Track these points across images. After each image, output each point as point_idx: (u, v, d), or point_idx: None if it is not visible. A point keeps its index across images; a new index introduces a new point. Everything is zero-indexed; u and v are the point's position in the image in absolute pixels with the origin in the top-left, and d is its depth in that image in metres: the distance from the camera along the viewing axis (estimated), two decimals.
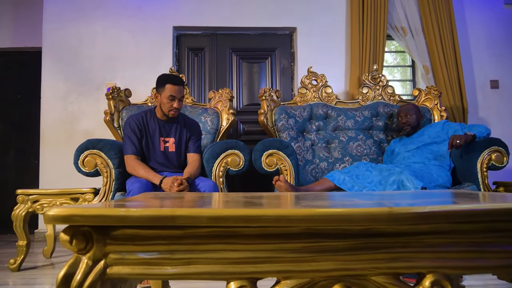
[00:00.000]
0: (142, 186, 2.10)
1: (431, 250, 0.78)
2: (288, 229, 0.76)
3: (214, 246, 0.76)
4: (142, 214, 0.73)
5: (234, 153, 2.46)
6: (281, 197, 1.19)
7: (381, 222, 0.73)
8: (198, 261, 0.76)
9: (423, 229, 0.78)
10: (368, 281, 0.77)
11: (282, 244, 0.76)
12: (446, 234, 0.78)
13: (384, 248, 0.77)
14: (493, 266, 0.79)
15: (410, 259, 0.78)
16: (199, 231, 0.76)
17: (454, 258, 0.78)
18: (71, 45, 3.48)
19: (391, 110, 3.12)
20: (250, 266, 0.76)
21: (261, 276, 0.76)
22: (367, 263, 0.77)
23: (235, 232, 0.76)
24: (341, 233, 0.77)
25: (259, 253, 0.76)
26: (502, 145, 2.50)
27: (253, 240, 0.76)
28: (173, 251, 0.76)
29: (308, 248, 0.76)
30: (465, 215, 0.76)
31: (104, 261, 0.76)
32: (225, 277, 0.75)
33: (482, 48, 3.65)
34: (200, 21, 3.60)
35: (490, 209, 0.76)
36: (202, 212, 0.73)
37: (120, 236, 0.76)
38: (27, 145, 3.82)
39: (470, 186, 2.48)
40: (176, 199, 1.16)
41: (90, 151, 2.32)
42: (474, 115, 3.58)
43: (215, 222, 0.73)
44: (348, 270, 0.77)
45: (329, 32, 3.62)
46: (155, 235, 0.76)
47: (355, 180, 2.43)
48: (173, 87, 2.35)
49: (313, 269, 0.76)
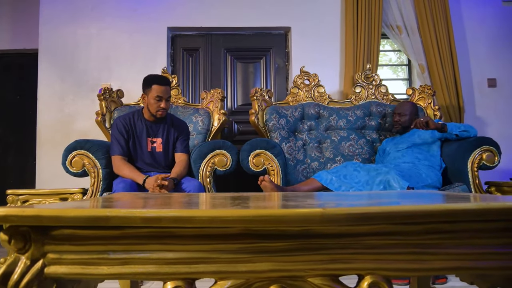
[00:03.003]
0: (126, 186, 2.12)
1: (371, 252, 0.77)
2: (225, 230, 0.76)
3: (150, 246, 0.76)
4: (76, 214, 0.74)
5: (221, 153, 2.46)
6: (242, 198, 1.19)
7: (314, 223, 0.73)
8: (134, 261, 0.76)
9: (363, 230, 0.77)
10: (305, 282, 0.76)
11: (218, 244, 0.76)
12: (387, 236, 0.77)
13: (322, 249, 0.77)
14: (434, 268, 0.78)
15: (348, 260, 0.77)
16: (136, 231, 0.76)
17: (394, 260, 0.77)
18: (67, 46, 3.51)
19: (384, 109, 3.09)
20: (185, 266, 0.76)
21: (197, 277, 0.76)
22: (304, 265, 0.76)
23: (171, 233, 0.76)
24: (279, 234, 0.76)
25: (195, 253, 0.76)
26: (494, 144, 2.46)
27: (189, 241, 0.76)
28: (110, 251, 0.76)
29: (245, 249, 0.76)
30: (402, 216, 0.75)
31: (42, 260, 0.77)
32: (160, 277, 0.76)
33: (480, 46, 3.59)
34: (195, 21, 3.61)
35: (429, 210, 0.74)
36: (136, 213, 0.73)
37: (58, 236, 0.77)
38: (26, 146, 3.87)
39: (460, 186, 2.44)
40: (139, 199, 1.16)
41: (77, 151, 2.34)
42: (471, 114, 3.52)
43: (149, 222, 0.73)
44: (285, 271, 0.76)
45: (324, 31, 3.59)
46: (92, 235, 0.76)
47: (342, 180, 2.42)
48: (159, 88, 2.37)
49: (249, 270, 0.76)
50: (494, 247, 0.78)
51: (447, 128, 2.52)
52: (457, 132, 2.53)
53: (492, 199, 0.87)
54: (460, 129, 2.54)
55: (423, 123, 2.43)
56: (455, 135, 2.54)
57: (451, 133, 2.53)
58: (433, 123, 2.46)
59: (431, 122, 2.45)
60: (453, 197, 1.06)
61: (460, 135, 2.54)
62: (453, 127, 2.55)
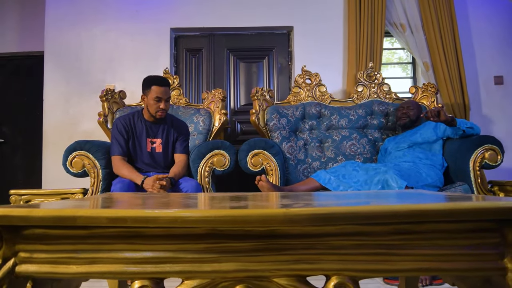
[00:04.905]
0: (123, 187, 2.14)
1: (337, 252, 0.77)
2: (191, 230, 0.77)
3: (117, 246, 0.77)
4: (44, 214, 0.75)
5: (220, 153, 2.47)
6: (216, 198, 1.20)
7: (277, 224, 0.73)
8: (102, 260, 0.77)
9: (329, 230, 0.77)
10: (271, 282, 0.76)
11: (184, 244, 0.77)
12: (353, 236, 0.77)
13: (287, 249, 0.77)
14: (402, 269, 0.77)
15: (314, 261, 0.77)
16: (103, 231, 0.77)
17: (361, 261, 0.77)
18: (71, 49, 3.57)
19: (387, 108, 3.06)
20: (152, 266, 0.77)
21: (164, 276, 0.77)
22: (270, 265, 0.76)
23: (138, 233, 0.77)
24: (245, 235, 0.77)
25: (161, 253, 0.77)
26: (496, 143, 2.42)
27: (155, 241, 0.77)
28: (78, 251, 0.77)
29: (211, 249, 0.77)
30: (367, 217, 0.74)
31: (14, 259, 0.78)
32: (127, 276, 0.77)
33: (486, 43, 3.53)
34: (197, 22, 3.63)
35: (393, 210, 0.74)
36: (102, 213, 0.75)
37: (29, 236, 0.78)
38: (34, 147, 3.94)
39: (462, 186, 2.41)
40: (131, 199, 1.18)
41: (78, 152, 2.38)
42: (477, 112, 3.46)
43: (114, 222, 0.74)
44: (251, 271, 0.76)
45: (326, 30, 3.58)
46: (61, 235, 0.78)
47: (341, 179, 2.40)
48: (159, 89, 2.39)
49: (215, 270, 0.76)
50: (463, 248, 0.77)
51: (456, 123, 2.47)
52: (464, 128, 2.48)
53: (465, 199, 0.85)
54: (467, 125, 2.49)
55: (435, 112, 2.40)
56: (462, 130, 2.49)
57: (459, 127, 2.47)
58: (444, 115, 2.41)
59: (442, 113, 2.40)
60: (426, 197, 1.04)
61: (466, 131, 2.49)
62: (461, 123, 2.50)
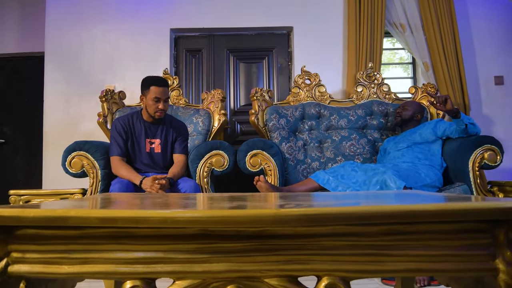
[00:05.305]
0: (122, 187, 2.15)
1: (328, 253, 0.77)
2: (182, 230, 0.77)
3: (109, 246, 0.77)
4: (36, 215, 0.75)
5: (219, 154, 2.47)
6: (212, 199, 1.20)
7: (267, 224, 0.73)
8: (93, 260, 0.77)
9: (320, 231, 0.77)
10: (262, 283, 0.76)
11: (175, 245, 0.77)
12: (344, 237, 0.77)
13: (278, 250, 0.77)
14: (393, 270, 0.77)
15: (305, 261, 0.77)
16: (95, 231, 0.77)
17: (352, 261, 0.77)
18: (72, 49, 3.58)
19: (386, 108, 3.05)
20: (143, 266, 0.77)
21: (155, 277, 0.77)
22: (261, 265, 0.76)
23: (129, 233, 0.77)
24: (235, 235, 0.77)
25: (152, 253, 0.77)
26: (495, 143, 2.41)
27: (146, 241, 0.77)
28: (70, 251, 0.78)
29: (202, 249, 0.77)
30: (357, 217, 0.74)
31: (6, 259, 0.78)
32: (118, 276, 0.77)
33: (486, 43, 3.52)
34: (197, 22, 3.63)
35: (383, 211, 0.74)
36: (92, 213, 0.75)
37: (22, 236, 0.79)
38: (34, 147, 3.95)
39: (461, 186, 2.40)
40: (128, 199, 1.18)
41: (77, 152, 2.38)
42: (477, 112, 3.45)
43: (105, 222, 0.74)
44: (242, 271, 0.76)
45: (326, 30, 3.57)
46: (53, 235, 0.78)
47: (339, 180, 2.40)
48: (157, 89, 2.39)
49: (206, 270, 0.76)
50: (455, 249, 0.76)
51: (460, 115, 2.47)
52: (467, 122, 2.48)
53: (457, 200, 0.85)
54: (470, 121, 2.49)
55: (442, 99, 2.43)
56: (465, 124, 2.48)
57: (462, 120, 2.46)
58: (450, 104, 2.43)
59: (449, 102, 2.43)
60: (419, 197, 1.04)
61: (469, 126, 2.48)
62: (464, 117, 2.49)
